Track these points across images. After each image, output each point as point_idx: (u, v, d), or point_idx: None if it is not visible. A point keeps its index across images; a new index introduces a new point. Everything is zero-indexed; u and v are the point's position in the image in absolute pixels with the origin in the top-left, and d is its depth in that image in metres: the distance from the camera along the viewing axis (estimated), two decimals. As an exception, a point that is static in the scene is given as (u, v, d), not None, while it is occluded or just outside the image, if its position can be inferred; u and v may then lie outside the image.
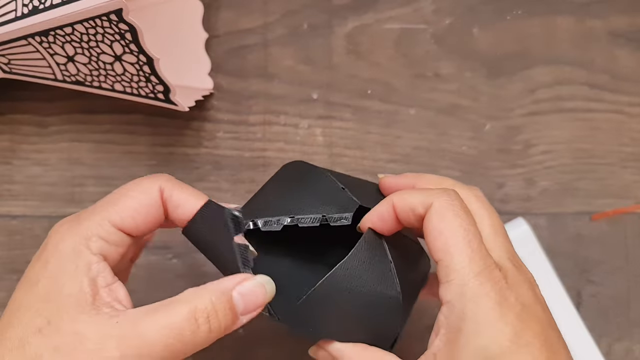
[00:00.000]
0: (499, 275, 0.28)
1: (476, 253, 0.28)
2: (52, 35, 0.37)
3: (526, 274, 0.30)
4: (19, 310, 0.29)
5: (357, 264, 0.31)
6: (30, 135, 0.45)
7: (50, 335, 0.28)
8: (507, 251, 0.31)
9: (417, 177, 0.34)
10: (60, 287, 0.29)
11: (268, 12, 0.47)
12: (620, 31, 0.47)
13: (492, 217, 0.31)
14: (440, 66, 0.47)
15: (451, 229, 0.29)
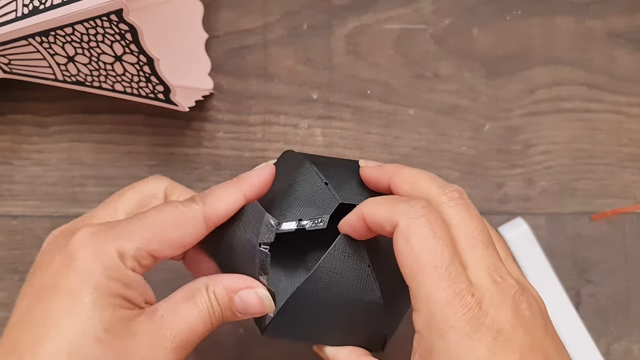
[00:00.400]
0: (471, 302, 0.26)
1: (444, 279, 0.26)
2: (52, 36, 0.37)
3: (510, 288, 0.27)
4: (58, 320, 0.27)
5: (331, 270, 0.31)
6: (31, 136, 0.46)
7: (114, 339, 0.27)
8: (488, 264, 0.28)
9: (395, 172, 0.32)
10: (109, 299, 0.28)
11: (268, 12, 0.47)
12: (619, 32, 0.47)
13: (469, 225, 0.29)
14: (439, 66, 0.47)
15: (417, 253, 0.27)
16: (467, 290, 0.26)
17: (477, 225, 0.29)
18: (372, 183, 0.33)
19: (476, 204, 0.45)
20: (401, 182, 0.31)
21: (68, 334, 0.27)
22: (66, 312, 0.27)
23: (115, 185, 0.45)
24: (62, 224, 0.44)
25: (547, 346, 0.27)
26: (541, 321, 0.28)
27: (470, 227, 0.28)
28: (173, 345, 0.29)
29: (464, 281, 0.27)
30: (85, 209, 0.45)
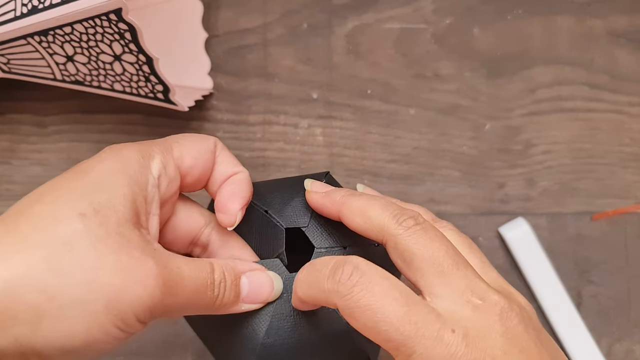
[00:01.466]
0: (454, 340, 0.24)
1: (412, 334, 0.24)
2: (51, 35, 0.37)
3: (494, 308, 0.25)
4: (57, 189, 0.26)
5: (288, 314, 0.30)
6: (30, 135, 0.45)
7: (94, 226, 0.25)
8: (463, 289, 0.26)
9: (343, 203, 0.29)
10: (118, 184, 0.26)
11: (268, 11, 0.47)
12: (620, 31, 0.47)
13: (432, 252, 0.27)
14: (440, 66, 0.46)
15: (369, 326, 0.25)
16: (444, 328, 0.24)
17: (440, 248, 0.27)
18: (320, 212, 0.31)
19: (477, 203, 0.45)
20: (352, 215, 0.29)
21: (57, 201, 0.25)
22: (67, 186, 0.26)
23: (115, 185, 0.45)
24: (61, 224, 0.44)
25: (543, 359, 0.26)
26: (534, 333, 0.26)
27: (434, 254, 0.26)
28: (160, 281, 0.26)
29: (435, 321, 0.24)
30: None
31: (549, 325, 0.44)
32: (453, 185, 0.46)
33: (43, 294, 0.24)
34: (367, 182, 0.46)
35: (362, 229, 0.28)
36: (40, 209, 0.25)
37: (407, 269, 0.27)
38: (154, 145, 0.29)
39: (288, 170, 0.45)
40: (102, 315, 0.24)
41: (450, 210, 0.45)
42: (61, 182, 0.27)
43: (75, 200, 0.25)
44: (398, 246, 0.27)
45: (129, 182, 0.27)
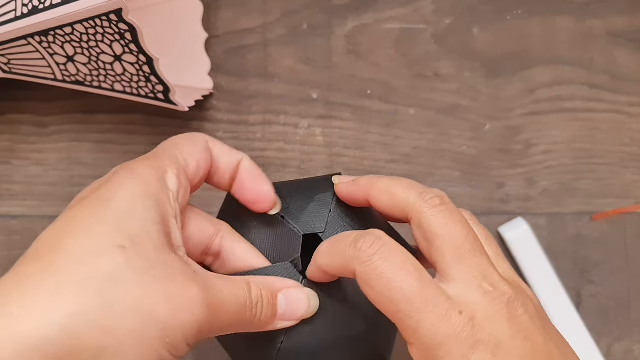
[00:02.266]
0: (460, 321, 0.25)
1: (423, 309, 0.25)
2: (51, 35, 0.37)
3: (502, 296, 0.26)
4: (86, 221, 0.25)
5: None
6: (30, 135, 0.45)
7: (134, 257, 0.25)
8: (476, 274, 0.27)
9: (370, 185, 0.30)
10: (145, 209, 0.26)
11: (268, 11, 0.47)
12: (619, 31, 0.47)
13: (453, 233, 0.27)
14: (440, 66, 0.47)
15: (386, 296, 0.26)
16: (452, 309, 0.25)
17: (462, 231, 0.27)
18: (349, 200, 0.32)
19: (477, 203, 0.45)
20: (379, 194, 0.30)
21: (91, 235, 0.25)
22: (95, 217, 0.26)
23: (115, 185, 0.45)
24: (62, 224, 0.44)
25: (549, 349, 0.26)
26: (539, 323, 0.27)
27: (455, 236, 0.27)
28: (205, 307, 0.26)
29: (444, 301, 0.25)
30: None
31: (548, 325, 0.44)
32: (453, 185, 0.46)
33: (100, 330, 0.23)
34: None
35: (389, 207, 0.29)
36: (76, 243, 0.25)
37: (427, 247, 0.28)
38: (162, 158, 0.29)
39: (288, 170, 0.45)
40: (157, 343, 0.24)
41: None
42: (86, 212, 0.26)
43: (110, 232, 0.25)
44: (422, 224, 0.28)
45: (153, 204, 0.26)
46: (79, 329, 0.23)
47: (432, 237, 0.27)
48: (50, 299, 0.23)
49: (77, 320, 0.23)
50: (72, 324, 0.23)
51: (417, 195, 0.28)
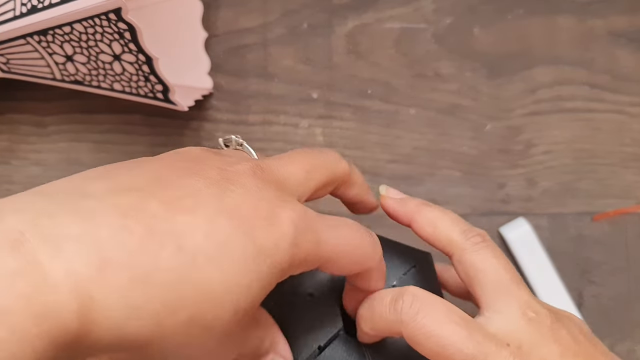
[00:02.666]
0: (509, 355, 0.26)
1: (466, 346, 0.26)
2: (50, 35, 0.37)
3: (545, 320, 0.28)
4: (220, 242, 0.22)
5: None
6: (29, 135, 0.45)
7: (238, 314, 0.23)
8: (521, 304, 0.28)
9: (417, 212, 0.31)
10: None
11: (268, 11, 0.47)
12: (621, 31, 0.47)
13: (497, 270, 0.29)
14: (440, 66, 0.46)
15: (435, 351, 0.26)
16: (500, 345, 0.26)
17: (505, 266, 0.29)
18: (391, 216, 0.33)
19: (478, 204, 0.45)
20: (423, 224, 0.31)
21: (230, 273, 0.23)
22: (247, 261, 0.23)
23: (114, 185, 0.45)
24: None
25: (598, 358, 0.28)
26: (583, 338, 0.28)
27: (497, 271, 0.29)
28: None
29: (492, 339, 0.26)
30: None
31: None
32: (453, 185, 0.45)
33: None
34: (367, 182, 0.45)
35: (431, 239, 0.31)
36: (215, 276, 0.22)
37: (470, 282, 0.29)
38: None
39: (288, 170, 0.45)
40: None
41: (451, 210, 0.45)
42: (238, 247, 0.23)
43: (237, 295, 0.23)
44: (463, 260, 0.29)
45: (280, 272, 0.26)
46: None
47: (474, 272, 0.29)
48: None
49: None
50: None
51: (460, 232, 0.30)
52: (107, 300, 0.19)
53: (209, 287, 0.21)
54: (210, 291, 0.21)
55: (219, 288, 0.22)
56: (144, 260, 0.20)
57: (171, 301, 0.20)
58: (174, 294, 0.21)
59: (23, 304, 0.18)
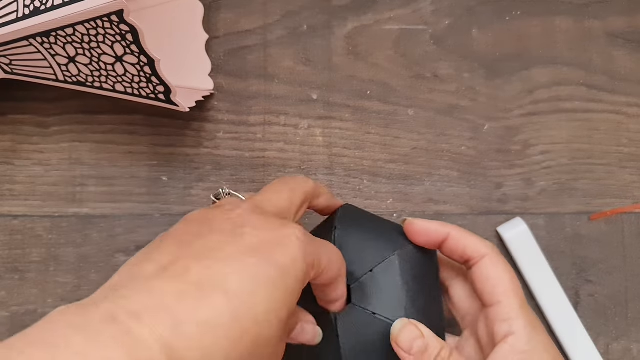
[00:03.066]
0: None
1: (522, 301, 0.35)
2: (53, 36, 0.37)
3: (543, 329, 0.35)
4: (253, 277, 0.28)
5: None
6: (32, 136, 0.46)
7: (285, 326, 0.29)
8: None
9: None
10: (299, 290, 0.30)
11: (268, 13, 0.47)
12: (618, 32, 0.47)
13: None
14: (439, 67, 0.47)
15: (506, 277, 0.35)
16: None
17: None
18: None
19: (475, 203, 0.46)
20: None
21: (271, 302, 0.27)
22: (274, 285, 0.28)
23: (116, 185, 0.45)
24: (63, 223, 0.45)
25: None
26: None
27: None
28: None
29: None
30: (86, 208, 0.45)
31: (547, 324, 0.44)
32: (452, 185, 0.46)
33: None
34: (366, 182, 0.46)
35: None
36: (258, 304, 0.27)
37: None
38: (317, 247, 0.32)
39: (288, 170, 0.46)
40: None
41: (449, 210, 0.46)
42: (269, 276, 0.28)
43: (281, 305, 0.28)
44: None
45: (302, 287, 0.30)
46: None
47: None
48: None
49: None
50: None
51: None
52: (186, 351, 0.24)
53: (256, 313, 0.27)
54: (258, 316, 0.27)
55: (263, 310, 0.27)
56: (204, 311, 0.25)
57: (234, 336, 0.26)
58: (234, 331, 0.26)
59: (126, 357, 0.23)
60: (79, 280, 0.44)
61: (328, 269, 0.32)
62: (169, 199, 0.45)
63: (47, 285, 0.44)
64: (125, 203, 0.45)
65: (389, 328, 0.34)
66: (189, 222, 0.31)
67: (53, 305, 0.44)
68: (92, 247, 0.45)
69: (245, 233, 0.29)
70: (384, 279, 0.35)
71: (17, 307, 0.44)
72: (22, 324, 0.44)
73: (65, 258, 0.45)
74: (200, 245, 0.28)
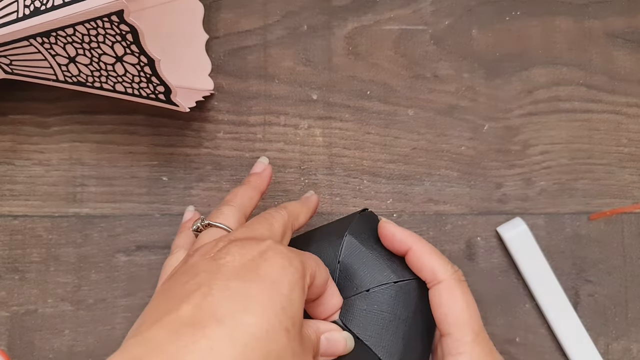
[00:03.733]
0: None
1: (475, 332, 0.33)
2: (53, 36, 0.37)
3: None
4: (260, 298, 0.28)
5: None
6: (32, 136, 0.46)
7: (292, 340, 0.28)
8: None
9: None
10: (299, 297, 0.30)
11: (268, 13, 0.47)
12: (618, 32, 0.47)
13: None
14: (439, 67, 0.47)
15: (457, 307, 0.33)
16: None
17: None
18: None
19: (475, 203, 0.46)
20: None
21: (267, 314, 0.28)
22: (266, 297, 0.28)
23: (116, 185, 0.45)
24: (63, 223, 0.45)
25: None
26: None
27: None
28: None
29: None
30: (86, 208, 0.45)
31: (546, 325, 0.44)
32: (451, 185, 0.46)
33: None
34: (366, 182, 0.46)
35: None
36: (253, 319, 0.27)
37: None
38: (307, 257, 0.33)
39: (288, 170, 0.46)
40: None
41: (449, 210, 0.46)
42: (257, 290, 0.29)
43: (281, 314, 0.28)
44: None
45: (302, 292, 0.30)
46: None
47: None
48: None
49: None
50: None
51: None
52: None
53: (253, 331, 0.27)
54: (256, 332, 0.27)
55: (261, 325, 0.27)
56: (200, 345, 0.26)
57: (238, 359, 0.26)
58: (237, 354, 0.26)
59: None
60: (79, 280, 0.45)
61: (318, 271, 0.32)
62: (169, 199, 0.45)
63: (47, 285, 0.44)
64: (125, 203, 0.45)
65: (368, 353, 0.33)
66: (173, 277, 0.31)
67: (53, 305, 0.44)
68: (92, 247, 0.45)
69: (226, 263, 0.30)
70: (378, 303, 0.34)
71: (17, 307, 0.44)
72: (22, 324, 0.44)
73: (65, 258, 0.45)
74: (187, 290, 0.29)
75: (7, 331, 0.44)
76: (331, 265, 0.36)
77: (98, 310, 0.44)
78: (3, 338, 0.44)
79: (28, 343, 0.44)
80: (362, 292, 0.35)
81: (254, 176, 0.41)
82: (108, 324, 0.44)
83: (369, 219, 0.38)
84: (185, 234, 0.40)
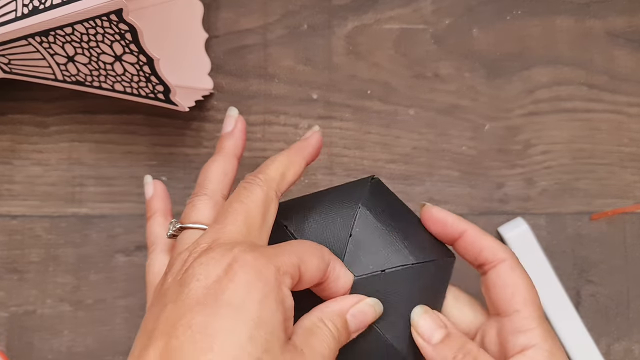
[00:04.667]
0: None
1: (542, 312, 0.32)
2: (52, 36, 0.37)
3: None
4: (221, 331, 0.26)
5: None
6: (31, 136, 0.46)
7: (276, 356, 0.26)
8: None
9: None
10: (273, 312, 0.27)
11: (268, 12, 0.47)
12: (619, 31, 0.47)
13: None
14: (439, 66, 0.47)
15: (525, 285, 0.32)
16: None
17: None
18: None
19: (476, 203, 0.45)
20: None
21: (232, 352, 0.25)
22: (230, 328, 0.26)
23: (115, 185, 0.45)
24: (62, 224, 0.45)
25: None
26: None
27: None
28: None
29: None
30: (85, 208, 0.45)
31: (548, 325, 0.44)
32: (452, 185, 0.46)
33: None
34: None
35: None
36: (215, 357, 0.25)
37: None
38: (281, 256, 0.29)
39: (288, 170, 0.46)
40: None
41: (450, 210, 0.45)
42: (220, 321, 0.26)
43: (246, 344, 0.26)
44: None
45: (278, 305, 0.27)
46: None
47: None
48: None
49: None
50: None
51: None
52: None
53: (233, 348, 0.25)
54: (266, 334, 0.26)
55: (269, 327, 0.26)
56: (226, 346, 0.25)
57: None
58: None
59: None
60: (79, 280, 0.44)
61: (306, 264, 0.30)
62: (169, 199, 0.45)
63: (47, 285, 0.44)
64: (124, 203, 0.45)
65: (379, 338, 0.32)
66: (152, 301, 0.30)
67: (52, 305, 0.44)
68: (92, 247, 0.45)
69: (190, 291, 0.27)
70: (393, 285, 0.32)
71: (16, 307, 0.44)
72: (21, 324, 0.44)
73: (64, 258, 0.45)
74: (155, 327, 0.27)
75: (6, 332, 0.44)
76: (341, 239, 0.33)
77: (97, 311, 0.44)
78: (2, 339, 0.44)
79: (27, 344, 0.44)
80: (378, 273, 0.32)
81: (225, 139, 0.37)
82: (107, 325, 0.44)
83: (380, 190, 0.35)
84: (156, 222, 0.38)
